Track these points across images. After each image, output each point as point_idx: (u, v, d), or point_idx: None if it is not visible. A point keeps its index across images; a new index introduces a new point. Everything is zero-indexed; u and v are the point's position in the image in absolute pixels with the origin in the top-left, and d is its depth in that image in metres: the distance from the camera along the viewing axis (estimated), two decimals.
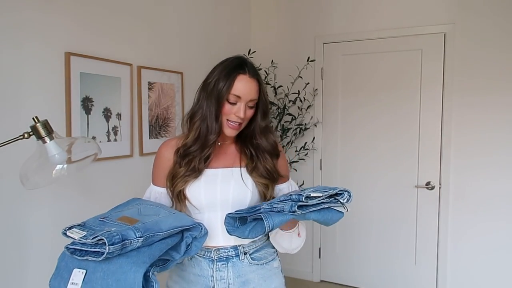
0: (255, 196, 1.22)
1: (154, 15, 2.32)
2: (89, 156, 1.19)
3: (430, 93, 2.84)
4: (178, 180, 1.18)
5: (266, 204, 1.07)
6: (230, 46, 3.04)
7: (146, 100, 2.24)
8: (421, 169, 2.90)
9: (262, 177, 1.22)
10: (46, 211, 1.73)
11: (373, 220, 3.07)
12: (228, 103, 1.16)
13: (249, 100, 1.17)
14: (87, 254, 0.95)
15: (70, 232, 0.99)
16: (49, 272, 1.81)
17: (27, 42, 1.62)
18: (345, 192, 1.08)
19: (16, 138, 1.07)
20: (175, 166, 1.20)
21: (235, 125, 1.18)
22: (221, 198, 1.19)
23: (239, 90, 1.15)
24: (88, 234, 0.96)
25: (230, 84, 1.14)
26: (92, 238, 0.93)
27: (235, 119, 1.17)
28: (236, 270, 1.20)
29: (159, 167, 1.25)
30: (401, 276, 3.01)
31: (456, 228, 2.82)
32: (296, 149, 3.19)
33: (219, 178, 1.21)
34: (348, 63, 3.10)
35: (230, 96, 1.15)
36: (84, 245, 0.95)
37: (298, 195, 1.03)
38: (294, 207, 1.00)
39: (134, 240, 0.95)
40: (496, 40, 2.63)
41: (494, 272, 2.72)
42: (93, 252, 0.94)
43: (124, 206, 1.16)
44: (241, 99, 1.15)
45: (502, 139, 2.66)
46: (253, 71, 1.18)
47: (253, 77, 1.17)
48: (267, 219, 1.02)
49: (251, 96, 1.16)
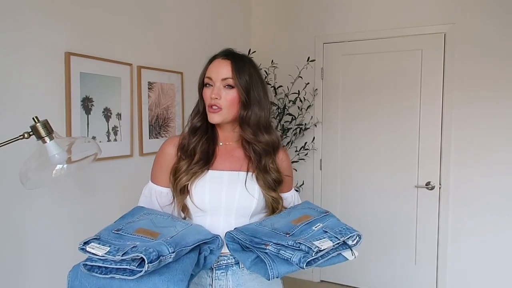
0: (260, 204, 1.19)
1: (154, 15, 2.32)
2: (89, 156, 1.19)
3: (430, 93, 2.84)
4: (183, 174, 1.16)
5: (273, 243, 0.98)
6: (230, 46, 3.00)
7: (146, 100, 2.24)
8: (421, 169, 2.90)
9: (270, 189, 1.19)
10: (46, 211, 1.72)
11: (373, 220, 3.07)
12: (205, 87, 1.18)
13: (221, 80, 1.15)
14: (111, 271, 0.86)
15: (90, 247, 0.90)
16: (49, 272, 1.82)
17: (27, 42, 1.62)
18: (355, 234, 1.01)
19: (16, 138, 1.07)
20: (179, 160, 1.19)
21: (215, 109, 1.15)
22: (226, 202, 1.15)
23: (210, 71, 1.18)
24: (113, 250, 0.88)
25: (205, 69, 1.19)
26: (122, 254, 0.85)
27: (209, 101, 1.16)
28: (236, 278, 1.16)
29: (161, 164, 1.23)
30: (401, 276, 3.01)
31: (456, 228, 2.82)
32: (296, 149, 3.19)
33: (225, 180, 1.17)
34: (348, 63, 3.10)
35: (205, 80, 1.18)
36: (106, 262, 0.87)
37: (307, 246, 0.94)
38: (303, 263, 0.92)
39: (167, 256, 0.89)
40: (496, 40, 2.63)
41: (494, 272, 2.72)
42: (119, 269, 0.85)
43: (131, 216, 1.10)
44: (212, 80, 1.16)
45: (502, 139, 2.65)
46: (229, 53, 1.19)
47: (226, 58, 1.18)
48: (271, 267, 0.95)
49: (221, 75, 1.15)
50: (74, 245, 1.84)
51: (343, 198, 3.18)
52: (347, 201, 3.16)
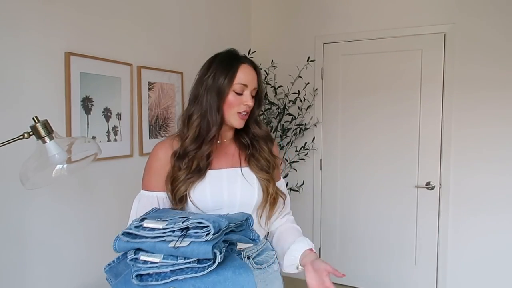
0: (260, 195, 1.20)
1: (154, 15, 2.32)
2: (89, 156, 1.19)
3: (430, 93, 2.84)
4: (180, 184, 1.13)
5: None
6: (230, 46, 3.00)
7: (146, 100, 2.24)
8: (421, 169, 2.90)
9: (264, 171, 1.22)
10: (46, 211, 1.72)
11: (373, 220, 3.07)
12: (236, 94, 1.16)
13: (253, 89, 1.19)
14: (170, 275, 0.77)
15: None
16: (49, 272, 1.81)
17: (27, 42, 1.62)
18: None
19: (16, 138, 1.06)
20: (174, 170, 1.15)
21: (244, 115, 1.19)
22: (228, 199, 1.16)
23: (245, 78, 1.17)
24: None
25: (233, 75, 1.15)
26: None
27: (244, 108, 1.17)
28: None
29: (156, 170, 1.17)
30: (401, 276, 3.01)
31: (456, 228, 2.82)
32: (296, 149, 3.19)
33: (224, 178, 1.19)
34: (348, 63, 3.10)
35: (236, 86, 1.16)
36: (162, 267, 0.77)
37: None
38: None
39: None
40: (496, 40, 2.63)
41: (494, 272, 2.72)
42: (179, 271, 0.77)
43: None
44: (247, 87, 1.17)
45: (502, 139, 2.65)
46: (250, 61, 1.22)
47: (253, 66, 1.21)
48: None
49: (254, 84, 1.19)
50: (74, 244, 1.85)
51: (343, 198, 3.18)
52: (347, 201, 3.16)
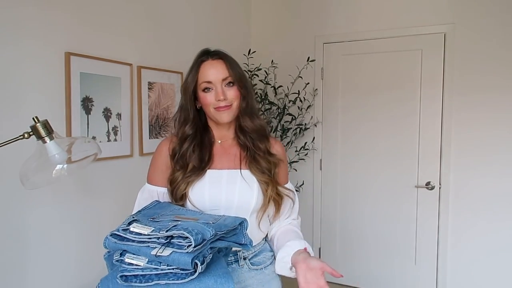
0: (260, 199, 1.19)
1: (154, 15, 2.32)
2: (89, 156, 1.18)
3: (430, 93, 2.84)
4: (179, 183, 1.16)
5: None
6: (230, 46, 3.01)
7: (146, 100, 2.24)
8: (421, 169, 2.90)
9: (264, 173, 1.20)
10: (46, 211, 1.72)
11: (373, 220, 3.07)
12: (204, 91, 1.17)
13: (222, 80, 1.17)
14: (153, 278, 0.79)
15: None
16: (49, 272, 1.81)
17: (27, 42, 1.62)
18: None
19: (16, 138, 1.06)
20: (173, 170, 1.19)
21: (224, 107, 1.17)
22: (226, 200, 1.16)
23: (206, 75, 1.17)
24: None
25: (195, 75, 1.18)
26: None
27: (219, 103, 1.16)
28: (235, 276, 1.16)
29: (159, 165, 1.23)
30: (401, 276, 3.01)
31: (456, 228, 2.82)
32: (296, 149, 3.19)
33: (224, 179, 1.18)
34: (348, 63, 3.10)
35: (202, 85, 1.17)
36: (146, 270, 0.80)
37: None
38: None
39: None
40: (496, 40, 2.63)
41: (494, 272, 2.72)
42: (162, 275, 0.79)
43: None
44: (212, 83, 1.17)
45: (502, 139, 2.65)
46: (216, 54, 1.20)
47: (217, 59, 1.19)
48: None
49: (221, 75, 1.17)
50: (74, 244, 1.85)
51: (343, 198, 3.18)
52: (347, 201, 3.16)
